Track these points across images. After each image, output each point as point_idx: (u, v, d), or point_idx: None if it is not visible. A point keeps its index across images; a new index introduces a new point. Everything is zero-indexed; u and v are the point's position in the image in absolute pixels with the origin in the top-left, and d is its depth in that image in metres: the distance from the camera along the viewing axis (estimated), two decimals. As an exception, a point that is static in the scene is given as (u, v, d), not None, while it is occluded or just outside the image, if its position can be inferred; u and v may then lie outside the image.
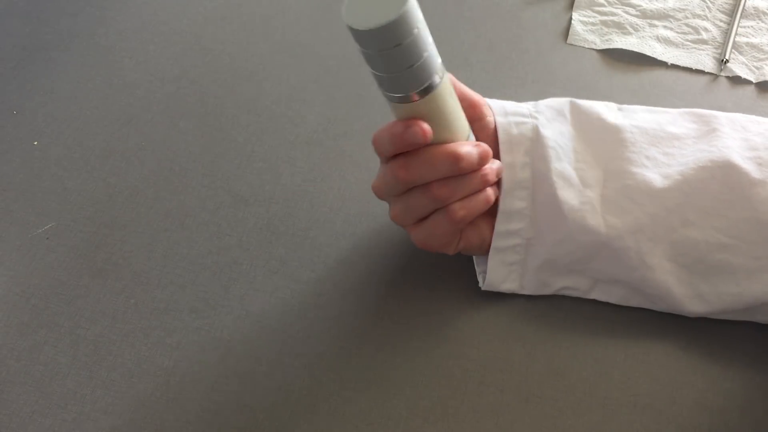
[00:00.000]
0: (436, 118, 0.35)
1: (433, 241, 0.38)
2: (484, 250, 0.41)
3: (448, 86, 0.35)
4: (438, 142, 0.36)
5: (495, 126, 0.40)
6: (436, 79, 0.34)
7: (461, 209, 0.37)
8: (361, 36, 0.32)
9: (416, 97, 0.34)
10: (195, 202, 0.46)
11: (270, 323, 0.41)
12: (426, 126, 0.34)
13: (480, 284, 0.42)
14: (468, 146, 0.35)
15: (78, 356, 0.39)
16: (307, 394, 0.39)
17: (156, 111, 0.51)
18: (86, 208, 0.46)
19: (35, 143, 0.49)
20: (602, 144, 0.40)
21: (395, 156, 0.36)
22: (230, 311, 0.42)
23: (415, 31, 0.32)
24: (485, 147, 0.36)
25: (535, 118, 0.40)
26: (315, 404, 0.38)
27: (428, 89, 0.34)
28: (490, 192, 0.38)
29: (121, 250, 0.44)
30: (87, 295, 0.42)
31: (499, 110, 0.40)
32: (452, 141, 0.36)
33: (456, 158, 0.35)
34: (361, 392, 0.39)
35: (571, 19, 0.59)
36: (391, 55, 0.33)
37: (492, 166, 0.37)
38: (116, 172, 0.48)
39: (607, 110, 0.41)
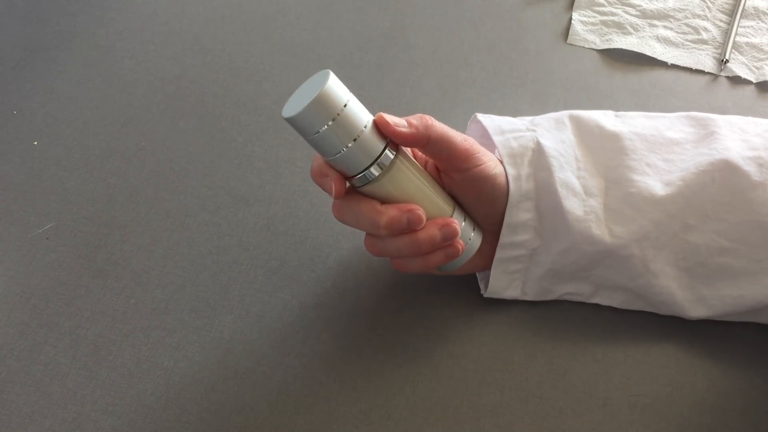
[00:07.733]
0: (386, 200, 0.34)
1: (404, 269, 0.38)
2: (481, 268, 0.41)
3: (392, 175, 0.34)
4: None
5: (491, 164, 0.37)
6: (372, 171, 0.33)
7: (407, 264, 0.37)
8: (290, 123, 0.33)
9: (357, 185, 0.34)
10: (195, 202, 0.46)
11: (270, 323, 0.41)
12: (336, 203, 0.35)
13: (482, 291, 0.42)
14: (394, 213, 0.34)
15: (78, 356, 0.39)
16: (307, 394, 0.39)
17: (156, 111, 0.51)
18: (86, 208, 0.46)
19: (35, 143, 0.49)
20: (602, 152, 0.40)
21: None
22: (230, 311, 0.42)
23: (329, 123, 0.31)
24: (416, 215, 0.34)
25: (533, 130, 0.40)
26: (315, 404, 0.38)
27: (363, 180, 0.33)
28: (433, 258, 0.36)
29: (121, 250, 0.44)
30: (87, 295, 0.42)
31: (494, 130, 0.40)
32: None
33: (373, 223, 0.34)
34: (361, 392, 0.39)
35: (571, 19, 0.59)
36: (314, 142, 0.32)
37: (435, 233, 0.35)
38: (116, 172, 0.48)
39: (605, 118, 0.41)
